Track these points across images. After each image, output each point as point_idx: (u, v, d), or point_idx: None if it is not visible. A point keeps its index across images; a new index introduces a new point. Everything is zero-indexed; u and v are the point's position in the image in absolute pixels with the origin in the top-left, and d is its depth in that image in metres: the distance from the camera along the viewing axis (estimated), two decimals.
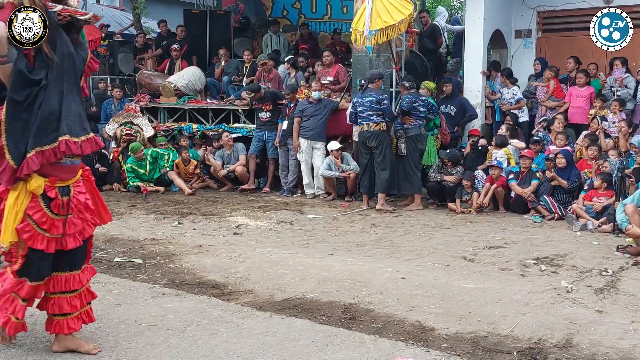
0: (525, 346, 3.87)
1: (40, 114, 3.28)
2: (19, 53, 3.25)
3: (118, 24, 17.05)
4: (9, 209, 3.32)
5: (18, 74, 3.25)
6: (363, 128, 8.69)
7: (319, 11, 15.08)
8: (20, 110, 3.26)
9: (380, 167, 8.68)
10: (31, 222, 3.37)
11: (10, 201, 3.33)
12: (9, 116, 3.25)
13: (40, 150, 3.29)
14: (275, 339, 3.96)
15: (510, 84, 10.43)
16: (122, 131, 10.89)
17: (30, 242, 3.38)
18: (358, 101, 8.75)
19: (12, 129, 3.26)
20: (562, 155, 8.37)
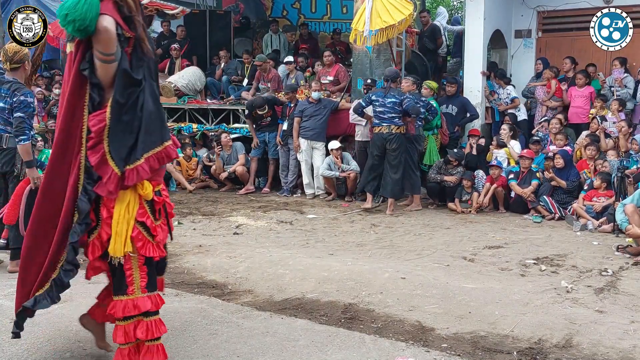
0: (525, 346, 3.87)
1: (143, 116, 3.03)
2: (122, 52, 2.98)
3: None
4: (120, 218, 3.05)
5: (123, 74, 2.98)
6: (383, 130, 8.43)
7: (319, 11, 15.08)
8: (122, 112, 2.99)
9: (393, 169, 8.45)
10: (142, 230, 3.14)
11: (121, 209, 3.05)
12: (113, 120, 2.97)
13: (148, 157, 3.05)
14: (275, 339, 3.95)
15: (504, 84, 10.44)
16: None
17: (144, 250, 3.15)
18: (379, 100, 8.45)
19: (114, 134, 2.98)
20: (560, 155, 8.37)
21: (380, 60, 9.71)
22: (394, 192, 8.57)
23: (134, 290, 3.14)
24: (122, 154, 2.99)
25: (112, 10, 2.88)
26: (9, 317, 4.30)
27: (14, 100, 5.41)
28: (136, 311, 3.14)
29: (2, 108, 5.53)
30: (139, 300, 3.15)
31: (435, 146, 9.30)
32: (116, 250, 3.05)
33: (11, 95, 5.44)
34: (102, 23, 2.80)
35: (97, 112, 2.98)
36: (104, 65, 2.92)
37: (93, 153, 2.98)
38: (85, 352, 3.75)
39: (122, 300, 3.15)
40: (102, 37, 2.83)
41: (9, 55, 5.51)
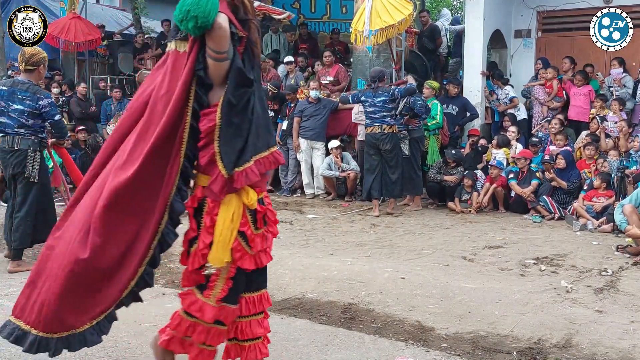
0: (525, 346, 3.87)
1: (253, 120, 2.92)
2: (235, 50, 2.88)
3: (118, 24, 17.03)
4: (225, 226, 2.89)
5: (237, 72, 2.86)
6: (375, 130, 8.24)
7: (318, 11, 15.08)
8: (233, 114, 2.87)
9: (391, 170, 8.35)
10: (241, 240, 2.97)
11: (226, 217, 2.90)
12: (224, 121, 2.86)
13: (258, 160, 2.93)
14: (275, 339, 3.95)
15: (501, 84, 10.45)
16: None
17: (240, 262, 2.97)
18: (368, 100, 8.32)
19: (225, 135, 2.86)
20: (562, 156, 8.36)
21: (380, 60, 9.72)
22: (394, 193, 8.53)
23: (210, 295, 2.99)
24: (231, 156, 2.86)
25: (226, 8, 2.85)
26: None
27: (42, 104, 5.54)
28: (198, 315, 3.01)
29: (20, 110, 5.55)
30: (206, 307, 3.00)
31: (436, 146, 9.30)
32: (216, 260, 2.90)
33: (32, 98, 5.53)
34: (218, 21, 2.76)
35: (206, 112, 2.88)
36: (216, 64, 2.84)
37: (203, 154, 2.90)
38: (85, 352, 3.75)
39: (196, 298, 3.02)
40: (215, 34, 2.77)
41: (26, 56, 5.56)
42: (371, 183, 8.43)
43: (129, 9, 18.59)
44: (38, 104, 5.52)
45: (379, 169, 8.40)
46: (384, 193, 8.53)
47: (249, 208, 2.95)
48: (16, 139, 5.56)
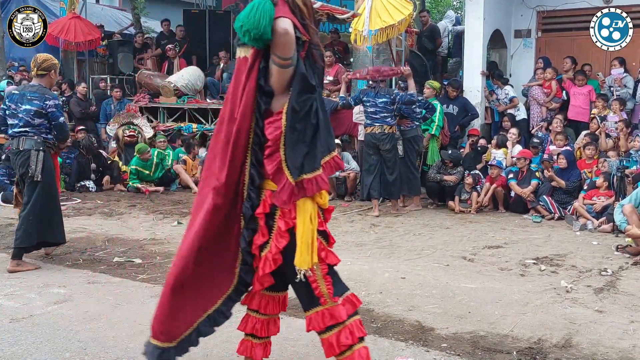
0: (525, 346, 3.87)
1: (318, 125, 2.91)
2: (298, 56, 2.85)
3: (118, 24, 17.04)
4: (305, 229, 2.89)
5: (302, 79, 2.85)
6: (375, 130, 8.26)
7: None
8: (296, 120, 2.85)
9: (389, 170, 8.37)
10: (322, 239, 3.00)
11: (305, 220, 2.89)
12: (288, 127, 2.84)
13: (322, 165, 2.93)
14: (275, 339, 3.95)
15: (501, 84, 10.45)
16: (124, 132, 10.92)
17: (328, 259, 3.01)
18: (370, 100, 8.32)
19: (289, 142, 2.85)
20: (564, 156, 8.36)
21: (380, 60, 9.71)
22: (392, 193, 8.55)
23: (326, 300, 3.00)
24: (296, 163, 2.85)
25: (289, 13, 2.81)
26: (8, 317, 4.31)
27: (49, 104, 5.62)
28: (334, 321, 3.00)
29: (28, 110, 5.63)
30: (333, 310, 3.00)
31: (436, 147, 9.29)
32: (303, 263, 2.88)
33: (40, 98, 5.62)
34: (281, 25, 2.72)
35: (271, 120, 2.87)
36: (281, 71, 2.81)
37: (270, 161, 2.88)
38: (85, 352, 3.75)
39: (319, 311, 3.01)
40: (281, 40, 2.74)
41: (38, 61, 5.72)
42: (370, 183, 8.44)
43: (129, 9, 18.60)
44: (45, 103, 5.61)
45: (378, 169, 8.41)
46: (383, 193, 8.54)
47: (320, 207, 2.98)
48: (21, 140, 5.62)
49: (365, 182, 8.56)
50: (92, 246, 6.44)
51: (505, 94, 10.38)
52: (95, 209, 8.53)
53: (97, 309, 4.50)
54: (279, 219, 2.92)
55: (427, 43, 11.69)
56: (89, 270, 5.55)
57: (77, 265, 5.73)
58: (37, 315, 4.37)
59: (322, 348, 3.10)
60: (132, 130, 10.94)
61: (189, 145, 10.83)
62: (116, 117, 11.28)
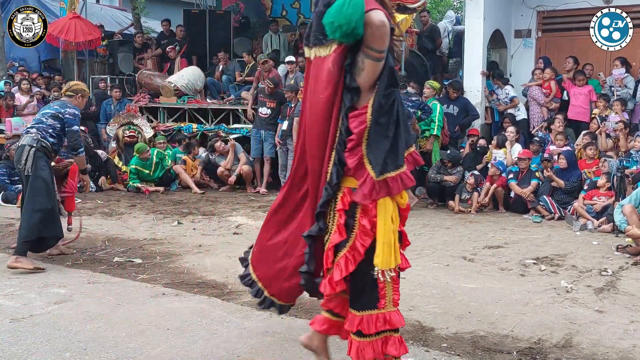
0: (525, 346, 3.87)
1: (399, 120, 2.88)
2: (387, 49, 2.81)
3: (118, 24, 17.04)
4: (386, 228, 2.85)
5: (390, 72, 2.82)
6: None
7: None
8: (380, 115, 2.82)
9: None
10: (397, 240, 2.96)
11: (386, 218, 2.85)
12: (372, 122, 2.82)
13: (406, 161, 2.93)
14: (275, 339, 3.96)
15: (501, 84, 10.45)
16: (124, 132, 10.92)
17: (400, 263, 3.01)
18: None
19: (372, 137, 2.83)
20: (564, 156, 8.36)
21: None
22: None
23: (386, 304, 2.93)
24: (378, 158, 2.82)
25: (377, 5, 2.77)
26: (8, 317, 4.31)
27: (67, 111, 5.76)
28: (387, 326, 2.93)
29: (45, 112, 5.88)
30: (392, 315, 2.93)
31: (437, 147, 9.27)
32: (385, 263, 2.83)
33: (61, 105, 5.84)
34: (378, 17, 2.68)
35: (355, 113, 2.84)
36: (375, 65, 2.76)
37: (351, 155, 2.86)
38: (85, 352, 3.75)
39: (372, 314, 2.92)
40: (378, 32, 2.69)
41: (68, 84, 6.12)
42: None
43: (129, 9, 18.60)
44: (65, 109, 5.78)
45: None
46: None
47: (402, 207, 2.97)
48: (22, 137, 5.76)
49: None
50: (92, 246, 6.44)
51: (505, 94, 10.38)
52: (95, 209, 8.53)
53: (97, 309, 4.50)
54: (361, 218, 2.87)
55: (427, 43, 11.68)
56: (89, 270, 5.54)
57: (77, 265, 5.73)
58: (37, 315, 4.37)
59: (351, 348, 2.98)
60: (132, 130, 10.94)
61: (189, 145, 10.83)
62: (116, 117, 11.28)
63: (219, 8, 15.33)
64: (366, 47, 2.74)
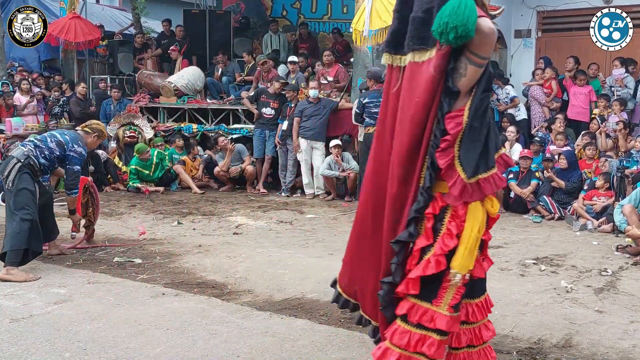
0: (525, 346, 3.87)
1: (491, 123, 2.93)
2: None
3: (118, 24, 17.04)
4: (472, 234, 2.89)
5: (489, 78, 2.90)
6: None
7: (319, 11, 15.07)
8: (474, 118, 2.86)
9: None
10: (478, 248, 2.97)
11: (474, 225, 2.90)
12: (467, 125, 2.84)
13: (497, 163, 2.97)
14: (275, 339, 3.96)
15: (502, 84, 10.44)
16: (125, 132, 10.93)
17: (475, 270, 2.99)
18: (373, 101, 8.32)
19: (465, 139, 2.85)
20: (565, 156, 8.36)
21: (380, 60, 9.70)
22: None
23: (441, 304, 2.94)
24: (471, 160, 2.85)
25: (482, 11, 2.80)
26: (8, 317, 4.31)
27: (74, 149, 5.66)
28: (430, 324, 2.94)
29: (53, 134, 5.77)
30: (439, 317, 2.93)
31: None
32: (463, 267, 2.88)
33: (73, 139, 5.72)
34: (488, 25, 2.72)
35: (452, 115, 2.85)
36: (477, 71, 2.80)
37: (443, 156, 2.87)
38: (85, 352, 3.75)
39: (423, 306, 2.94)
40: (488, 40, 2.74)
41: (89, 122, 6.13)
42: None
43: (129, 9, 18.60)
44: (73, 145, 5.67)
45: None
46: None
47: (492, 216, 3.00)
48: (16, 147, 5.66)
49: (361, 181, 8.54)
50: (92, 246, 6.44)
51: (505, 94, 10.38)
52: None
53: (97, 309, 4.50)
54: (449, 222, 2.89)
55: None
56: (89, 270, 5.54)
57: (77, 265, 5.73)
58: (37, 315, 4.37)
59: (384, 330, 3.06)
60: (132, 131, 10.95)
61: (188, 145, 10.85)
62: (117, 118, 11.28)
63: (219, 8, 15.33)
64: (471, 53, 2.76)
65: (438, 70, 2.80)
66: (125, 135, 10.91)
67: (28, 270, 5.37)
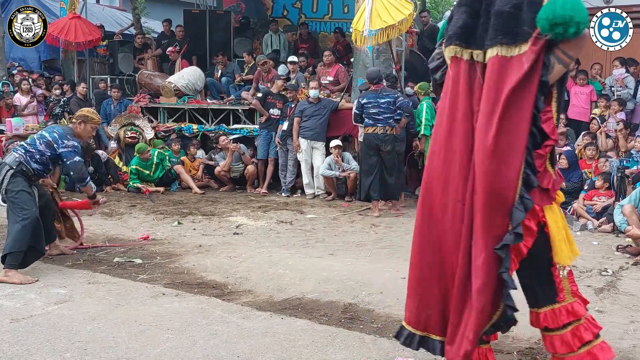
0: (525, 346, 3.87)
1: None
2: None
3: (118, 24, 17.04)
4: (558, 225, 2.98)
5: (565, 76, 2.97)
6: (377, 130, 8.26)
7: (320, 11, 15.07)
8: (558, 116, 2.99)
9: (388, 172, 8.36)
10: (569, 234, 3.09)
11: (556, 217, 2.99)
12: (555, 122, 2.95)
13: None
14: (275, 339, 3.96)
15: None
16: (126, 133, 10.93)
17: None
18: (371, 102, 8.31)
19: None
20: (565, 156, 8.35)
21: (380, 60, 9.70)
22: (391, 194, 8.54)
23: (565, 296, 3.02)
24: (554, 160, 3.01)
25: None
26: (8, 317, 4.31)
27: (68, 144, 5.51)
28: (572, 317, 3.02)
29: (42, 135, 5.60)
30: (573, 305, 3.03)
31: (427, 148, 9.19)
32: (566, 258, 2.97)
33: (61, 135, 5.54)
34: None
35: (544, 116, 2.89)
36: (562, 69, 2.85)
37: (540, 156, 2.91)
38: (85, 352, 3.75)
39: (554, 308, 3.02)
40: (582, 42, 2.80)
41: (79, 113, 5.93)
42: (370, 184, 8.41)
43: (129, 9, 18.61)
44: (63, 141, 5.50)
45: (377, 169, 8.39)
46: (383, 195, 8.52)
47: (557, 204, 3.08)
48: (9, 154, 5.53)
49: (365, 183, 8.52)
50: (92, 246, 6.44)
51: None
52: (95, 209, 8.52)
53: (97, 309, 4.50)
54: (526, 220, 2.89)
55: (428, 43, 11.68)
56: (89, 270, 5.54)
57: (77, 265, 5.73)
58: (37, 315, 4.37)
59: (546, 344, 3.12)
60: (133, 132, 10.95)
61: (186, 146, 10.85)
62: (118, 118, 11.28)
63: (219, 8, 15.34)
64: (562, 52, 2.79)
65: (533, 65, 2.80)
66: (126, 136, 10.92)
67: (28, 271, 5.37)
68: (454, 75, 3.05)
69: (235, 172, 10.32)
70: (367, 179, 8.45)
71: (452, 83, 3.06)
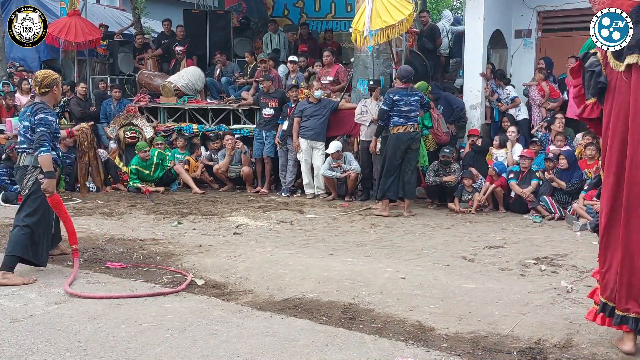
0: (525, 346, 3.88)
1: None
2: None
3: (118, 24, 17.04)
4: None
5: None
6: (409, 129, 8.22)
7: (323, 10, 15.05)
8: None
9: (411, 169, 8.34)
10: None
11: None
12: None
13: None
14: (275, 339, 3.96)
15: (503, 84, 10.44)
16: (125, 133, 10.94)
17: None
18: (403, 99, 8.23)
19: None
20: (565, 156, 8.35)
21: (380, 60, 9.71)
22: (412, 193, 8.52)
23: None
24: None
25: None
26: (8, 317, 4.32)
27: (35, 119, 5.32)
28: None
29: (25, 126, 5.44)
30: None
31: (424, 149, 9.13)
32: None
33: (33, 114, 5.35)
34: None
35: None
36: None
37: None
38: (85, 352, 3.75)
39: None
40: None
41: (38, 80, 5.50)
42: (390, 184, 8.28)
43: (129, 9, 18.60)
44: (34, 118, 5.33)
45: (398, 170, 8.30)
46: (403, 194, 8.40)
47: None
48: (22, 156, 5.43)
49: (385, 183, 8.32)
50: (92, 246, 6.44)
51: (506, 94, 10.38)
52: (95, 209, 8.53)
53: (97, 308, 4.50)
54: None
55: (428, 43, 11.69)
56: (89, 270, 5.54)
57: None
58: (37, 315, 4.37)
59: None
60: (132, 132, 10.96)
61: (192, 145, 10.88)
62: (116, 119, 11.30)
63: (220, 8, 15.34)
64: None
65: None
66: (126, 136, 10.93)
67: (29, 271, 5.36)
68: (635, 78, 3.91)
69: (233, 172, 10.33)
70: (388, 179, 8.31)
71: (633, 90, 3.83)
